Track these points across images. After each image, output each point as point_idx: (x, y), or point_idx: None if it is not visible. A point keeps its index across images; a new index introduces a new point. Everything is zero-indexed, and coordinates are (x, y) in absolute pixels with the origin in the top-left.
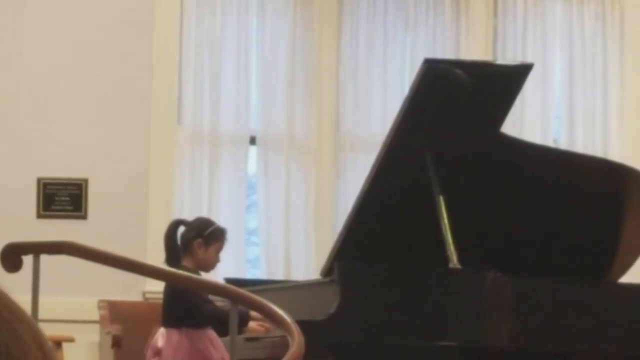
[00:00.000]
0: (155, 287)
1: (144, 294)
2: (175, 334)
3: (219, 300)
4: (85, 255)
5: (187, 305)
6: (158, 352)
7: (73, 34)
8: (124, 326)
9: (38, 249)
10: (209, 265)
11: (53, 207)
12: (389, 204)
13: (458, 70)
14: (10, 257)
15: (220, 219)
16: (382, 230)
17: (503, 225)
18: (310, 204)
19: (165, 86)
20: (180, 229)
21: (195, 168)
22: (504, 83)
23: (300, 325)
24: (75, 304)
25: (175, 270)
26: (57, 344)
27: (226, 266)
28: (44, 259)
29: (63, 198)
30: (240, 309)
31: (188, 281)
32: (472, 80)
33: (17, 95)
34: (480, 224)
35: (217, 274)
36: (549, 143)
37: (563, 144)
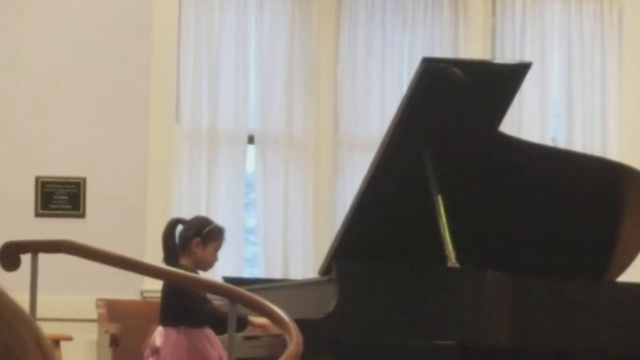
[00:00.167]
0: (153, 286)
1: (142, 292)
2: (173, 332)
3: (217, 299)
4: (83, 254)
5: (185, 304)
6: (156, 351)
7: (72, 33)
8: (122, 325)
9: (36, 247)
10: (207, 264)
11: (51, 206)
12: (387, 203)
13: (456, 69)
14: (9, 256)
15: (218, 218)
16: (380, 229)
17: (501, 224)
18: (308, 203)
19: (164, 85)
20: (179, 228)
21: (193, 167)
22: (502, 82)
23: (298, 324)
24: (73, 303)
25: (173, 269)
26: (55, 343)
27: (224, 265)
28: (42, 257)
29: (61, 197)
30: (239, 313)
31: (186, 280)
32: (471, 79)
33: (16, 94)
34: (478, 223)
35: (215, 273)
36: (548, 142)
37: (561, 143)
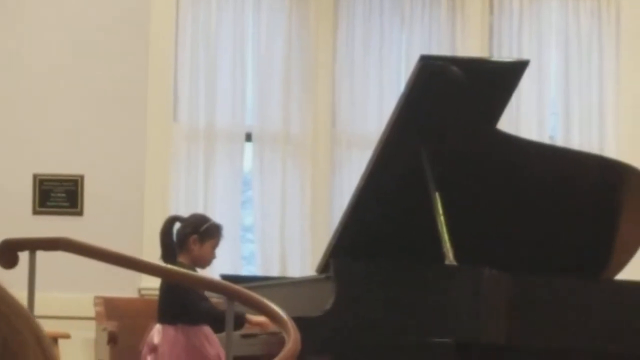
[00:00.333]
0: (151, 284)
1: (139, 290)
2: (171, 330)
3: (215, 297)
4: (81, 251)
5: (183, 302)
6: (154, 349)
7: (70, 32)
8: (120, 322)
9: (34, 245)
10: (205, 262)
11: (49, 204)
12: (385, 200)
13: (454, 66)
14: (6, 253)
15: (215, 216)
16: (378, 227)
17: (499, 222)
18: (305, 200)
19: (161, 83)
20: (176, 226)
21: (191, 164)
22: (500, 80)
23: (296, 322)
24: (71, 301)
25: (171, 266)
26: (53, 340)
27: (222, 263)
28: (40, 255)
29: (59, 194)
30: (237, 311)
31: (184, 277)
32: (468, 76)
33: (14, 93)
34: (476, 221)
35: (213, 271)
36: (545, 140)
37: (559, 141)
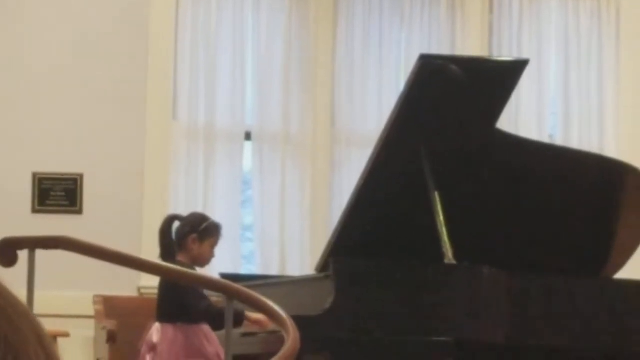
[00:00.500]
0: (150, 282)
1: (139, 289)
2: (170, 329)
3: (214, 296)
4: (80, 250)
5: (183, 301)
6: (153, 347)
7: (70, 30)
8: (119, 321)
9: (34, 243)
10: (204, 261)
11: (48, 202)
12: (385, 199)
13: (454, 65)
14: (6, 252)
15: (215, 215)
16: (378, 225)
17: (498, 221)
18: (305, 199)
19: (161, 82)
20: (175, 225)
21: (190, 163)
22: (499, 79)
23: (295, 321)
24: (71, 299)
25: (170, 265)
26: (53, 339)
27: (221, 262)
28: (40, 253)
29: (58, 193)
30: (236, 308)
31: (183, 276)
32: (468, 76)
33: (13, 91)
34: (475, 220)
35: (212, 270)
36: (545, 139)
37: (559, 141)
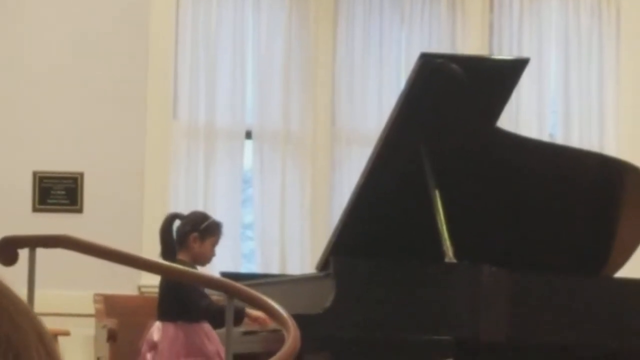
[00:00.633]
0: (150, 281)
1: (139, 287)
2: (170, 327)
3: (214, 294)
4: (81, 248)
5: (183, 299)
6: (154, 346)
7: (70, 30)
8: (120, 320)
9: (34, 242)
10: (205, 259)
11: (49, 201)
12: (385, 198)
13: (454, 64)
14: (6, 251)
15: (215, 213)
16: (378, 224)
17: (498, 220)
18: (305, 198)
19: (161, 81)
20: (176, 223)
21: (190, 162)
22: (500, 77)
23: (296, 319)
24: (71, 298)
25: (171, 264)
26: (53, 337)
27: (222, 260)
28: (40, 252)
29: (59, 192)
30: (237, 305)
31: (184, 275)
32: (468, 74)
33: (14, 91)
34: (476, 219)
35: (213, 268)
36: (545, 138)
37: (559, 140)
